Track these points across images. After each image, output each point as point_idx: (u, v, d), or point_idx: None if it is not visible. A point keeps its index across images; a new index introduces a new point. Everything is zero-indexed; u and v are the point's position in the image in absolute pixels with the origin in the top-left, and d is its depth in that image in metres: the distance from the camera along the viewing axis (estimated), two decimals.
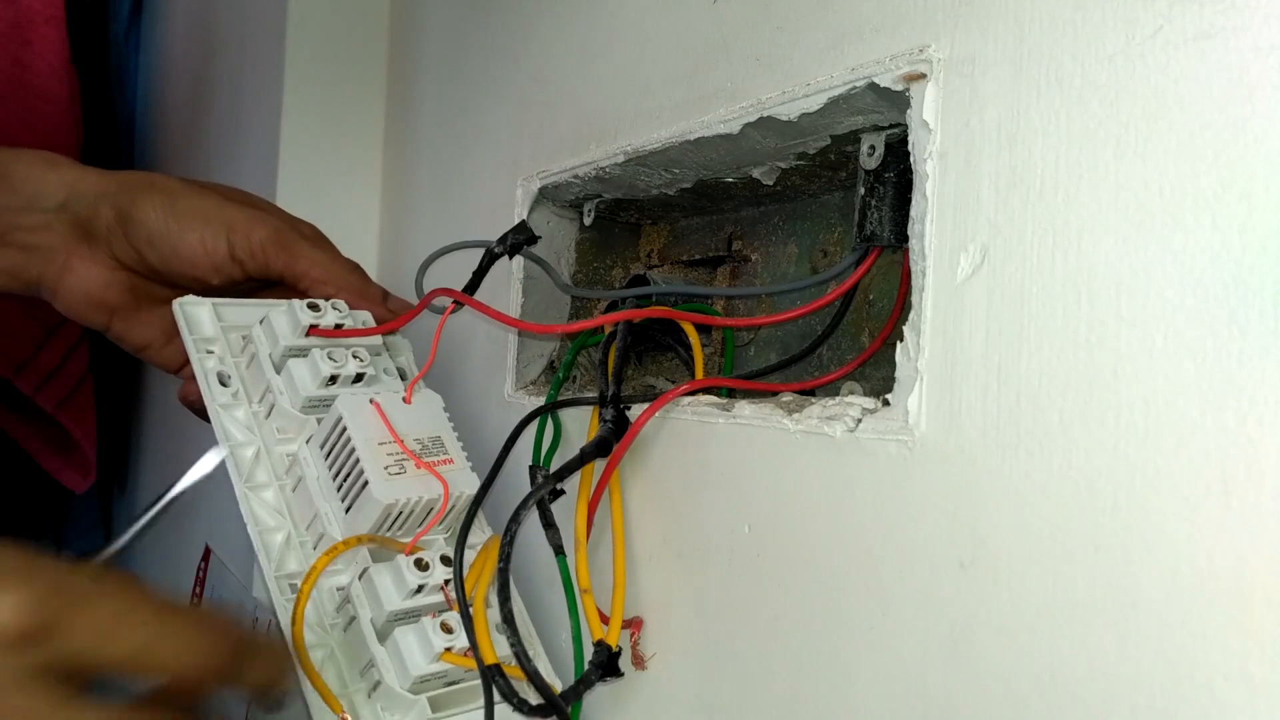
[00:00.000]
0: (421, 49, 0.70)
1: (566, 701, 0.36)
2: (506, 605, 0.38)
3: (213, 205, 0.48)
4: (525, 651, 0.37)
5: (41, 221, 0.47)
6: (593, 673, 0.37)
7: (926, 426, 0.30)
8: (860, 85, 0.33)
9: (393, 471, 0.42)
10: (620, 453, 0.40)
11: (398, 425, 0.44)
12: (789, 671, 0.34)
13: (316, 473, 0.44)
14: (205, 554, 0.83)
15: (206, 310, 0.47)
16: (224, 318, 0.48)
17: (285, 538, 0.43)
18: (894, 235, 0.35)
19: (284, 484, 0.45)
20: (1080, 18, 0.27)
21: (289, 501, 0.44)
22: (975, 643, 0.28)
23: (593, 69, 0.48)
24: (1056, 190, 0.27)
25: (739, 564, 0.37)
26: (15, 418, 1.17)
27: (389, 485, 0.42)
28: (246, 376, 0.47)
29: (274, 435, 0.45)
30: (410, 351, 0.51)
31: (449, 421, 0.46)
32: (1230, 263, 0.23)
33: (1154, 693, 0.24)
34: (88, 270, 0.48)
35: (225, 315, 0.48)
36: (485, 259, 0.46)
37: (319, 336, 0.46)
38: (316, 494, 0.43)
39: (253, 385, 0.46)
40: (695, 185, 0.45)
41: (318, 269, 0.49)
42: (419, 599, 0.40)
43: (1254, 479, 0.22)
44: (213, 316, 0.47)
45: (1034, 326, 0.27)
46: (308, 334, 0.46)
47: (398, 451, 0.43)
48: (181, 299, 0.47)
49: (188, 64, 1.11)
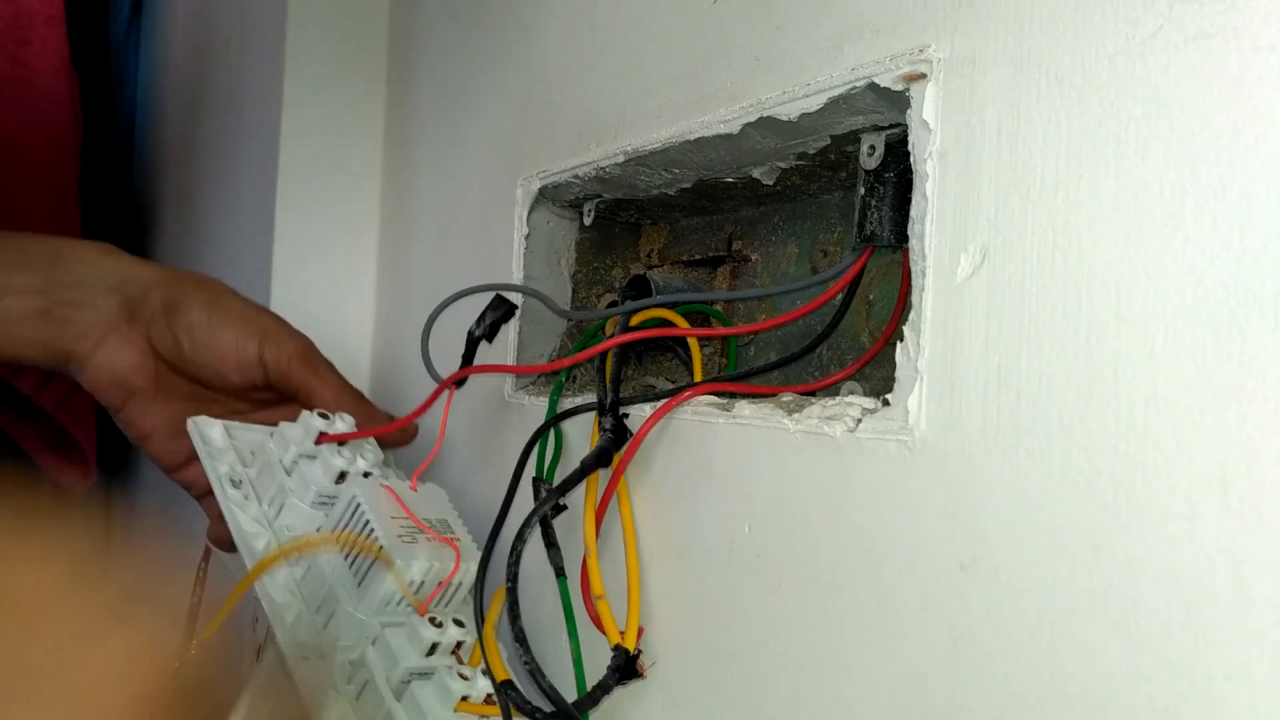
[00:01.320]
0: (421, 49, 0.70)
1: (583, 709, 0.37)
2: (517, 623, 0.38)
3: (253, 311, 0.53)
4: (540, 668, 0.37)
5: (89, 298, 0.51)
6: (610, 677, 0.37)
7: (926, 426, 0.30)
8: (860, 85, 0.33)
9: (405, 540, 0.44)
10: (625, 463, 0.41)
11: (409, 505, 0.46)
12: (789, 671, 0.34)
13: (328, 555, 0.45)
14: (205, 554, 0.83)
15: (218, 429, 0.51)
16: (234, 435, 0.51)
17: (296, 615, 0.44)
18: (894, 235, 0.35)
19: (294, 571, 0.46)
20: (1080, 18, 0.27)
21: (300, 585, 0.46)
22: (975, 643, 0.28)
23: (593, 69, 0.48)
24: (1056, 190, 0.27)
25: (739, 564, 0.37)
26: (15, 418, 1.17)
27: (403, 550, 0.43)
28: (257, 482, 0.50)
29: (285, 532, 0.47)
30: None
31: (454, 510, 0.49)
32: (1230, 263, 0.23)
33: (1154, 693, 0.24)
34: (121, 350, 0.52)
35: (235, 434, 0.52)
36: (468, 343, 0.48)
37: (328, 443, 0.49)
38: (328, 572, 0.45)
39: (263, 488, 0.49)
40: (695, 185, 0.45)
41: (331, 391, 0.53)
42: (433, 660, 0.41)
43: (1254, 479, 0.22)
44: (223, 433, 0.51)
45: (1034, 326, 0.27)
46: (317, 441, 0.48)
47: (410, 524, 0.45)
48: (195, 418, 0.51)
49: (188, 64, 1.11)
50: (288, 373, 0.53)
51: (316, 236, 0.74)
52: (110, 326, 0.51)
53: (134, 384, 0.52)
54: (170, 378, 0.53)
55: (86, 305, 0.51)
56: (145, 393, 0.53)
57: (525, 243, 0.52)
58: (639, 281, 0.47)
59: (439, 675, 0.40)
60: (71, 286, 0.51)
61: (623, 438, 0.41)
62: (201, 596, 0.83)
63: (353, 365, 0.73)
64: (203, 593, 0.83)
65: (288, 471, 0.49)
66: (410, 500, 0.47)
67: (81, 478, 1.22)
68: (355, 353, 0.74)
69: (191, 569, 0.84)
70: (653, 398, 0.41)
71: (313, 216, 0.74)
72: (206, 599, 0.75)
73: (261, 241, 0.75)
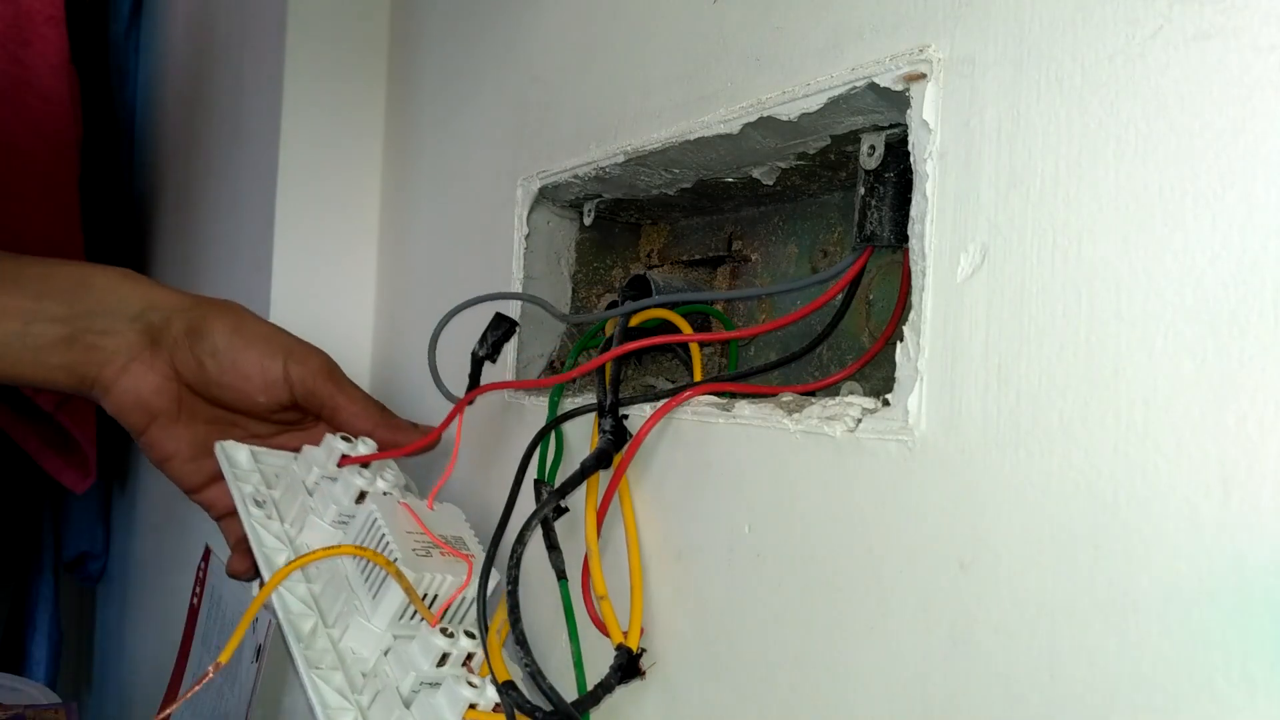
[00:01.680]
0: (421, 49, 0.70)
1: (584, 707, 0.37)
2: (518, 626, 0.38)
3: (274, 331, 0.55)
4: (540, 669, 0.37)
5: (113, 326, 0.52)
6: (612, 676, 0.37)
7: (926, 426, 0.30)
8: (860, 85, 0.33)
9: (420, 554, 0.45)
10: (625, 464, 0.41)
11: (425, 523, 0.47)
12: (789, 671, 0.34)
13: (345, 569, 0.46)
14: (205, 554, 0.83)
15: (245, 452, 0.53)
16: (260, 459, 0.53)
17: (312, 626, 0.45)
18: (894, 235, 0.35)
19: (313, 587, 0.47)
20: (1080, 18, 0.27)
21: (317, 598, 0.46)
22: (975, 643, 0.28)
23: (593, 69, 0.48)
24: (1056, 190, 0.27)
25: (739, 564, 0.37)
26: (15, 418, 1.17)
27: (416, 563, 0.44)
28: (280, 502, 0.51)
29: (304, 549, 0.48)
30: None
31: (470, 529, 0.49)
32: (1230, 263, 0.23)
33: (1154, 693, 0.24)
34: (145, 375, 0.53)
35: (261, 458, 0.53)
36: (473, 364, 0.49)
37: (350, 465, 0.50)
38: (344, 584, 0.45)
39: (285, 508, 0.51)
40: (695, 185, 0.45)
41: (356, 405, 0.54)
42: (444, 670, 0.42)
43: (1254, 479, 0.22)
44: (250, 457, 0.53)
45: (1034, 326, 0.27)
46: (340, 463, 0.50)
47: (426, 540, 0.46)
48: (223, 441, 0.53)
49: (188, 64, 1.11)
50: (313, 389, 0.54)
51: (316, 236, 0.74)
52: (134, 353, 0.53)
53: (157, 408, 0.53)
54: (193, 401, 0.54)
55: (110, 333, 0.52)
56: (168, 416, 0.54)
57: (525, 243, 0.52)
58: (639, 281, 0.47)
59: (448, 683, 0.41)
60: (96, 315, 0.52)
61: (622, 439, 0.41)
62: (201, 596, 0.83)
63: (353, 365, 0.73)
64: (202, 592, 0.83)
65: (310, 492, 0.50)
66: (426, 517, 0.48)
67: (81, 478, 1.22)
68: (355, 353, 0.74)
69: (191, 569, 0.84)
70: (653, 398, 0.41)
71: (313, 216, 0.74)
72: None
73: (261, 241, 0.75)
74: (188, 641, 0.83)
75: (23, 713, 0.94)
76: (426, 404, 0.64)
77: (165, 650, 0.92)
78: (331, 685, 0.42)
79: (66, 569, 1.45)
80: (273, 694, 0.72)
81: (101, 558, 1.44)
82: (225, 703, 0.74)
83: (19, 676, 1.11)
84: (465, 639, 0.42)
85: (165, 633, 1.02)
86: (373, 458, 0.51)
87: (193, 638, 0.82)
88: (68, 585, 1.50)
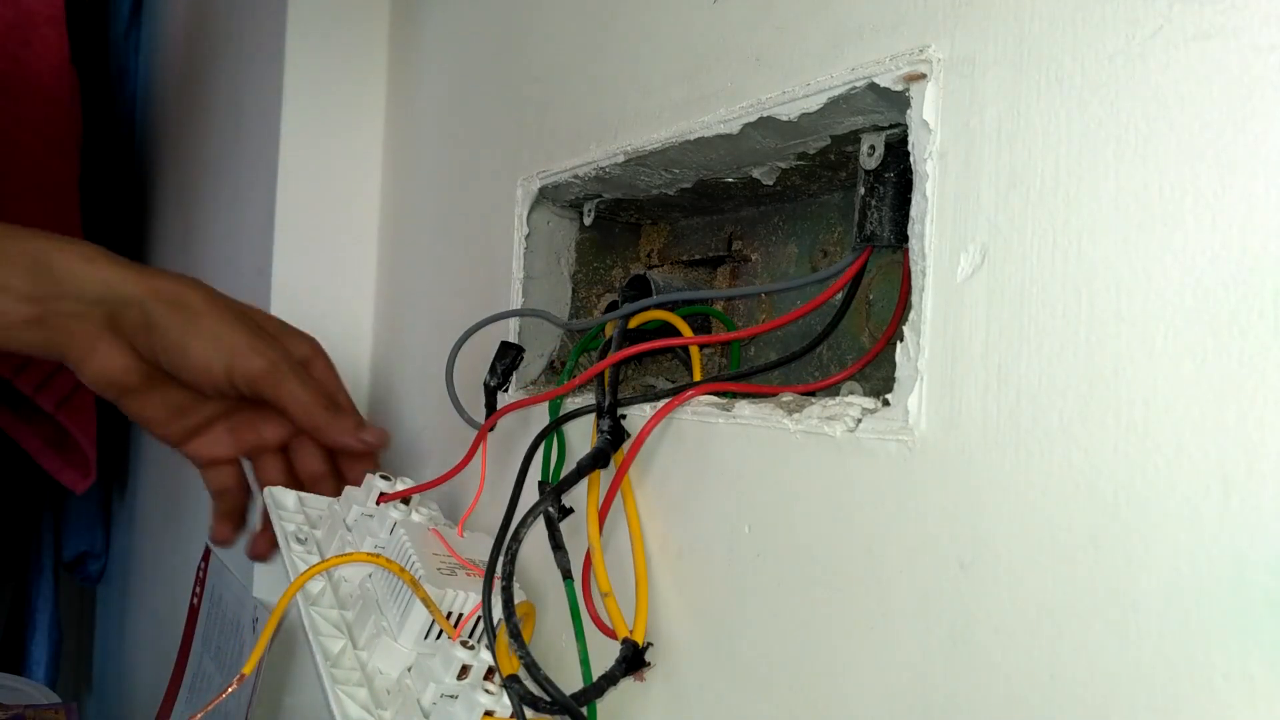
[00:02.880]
0: (422, 48, 0.70)
1: (588, 697, 0.37)
2: (512, 620, 0.38)
3: (226, 328, 0.56)
4: (534, 661, 0.37)
5: (77, 310, 0.54)
6: (617, 668, 0.37)
7: (926, 426, 0.30)
8: (860, 85, 0.33)
9: (444, 573, 0.46)
10: (627, 464, 0.41)
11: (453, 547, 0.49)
12: (789, 671, 0.34)
13: (376, 593, 0.47)
14: (205, 554, 0.83)
15: (292, 497, 0.56)
16: (305, 503, 0.56)
17: (341, 648, 0.46)
18: (894, 235, 0.35)
19: (346, 614, 0.48)
20: (1080, 18, 0.27)
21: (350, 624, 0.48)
22: (975, 643, 0.28)
23: (592, 69, 0.48)
24: (1056, 190, 0.27)
25: (739, 564, 0.37)
26: (15, 417, 1.17)
27: (439, 580, 0.45)
28: (320, 539, 0.54)
29: (342, 583, 0.50)
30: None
31: None
32: (1230, 263, 0.23)
33: (1154, 693, 0.24)
34: (110, 355, 0.55)
35: (307, 501, 0.57)
36: (487, 394, 0.50)
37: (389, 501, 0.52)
38: (374, 607, 0.47)
39: (325, 544, 0.53)
40: (695, 185, 0.45)
41: (297, 407, 0.57)
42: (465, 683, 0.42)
43: (1254, 479, 0.22)
44: (297, 501, 0.56)
45: (1034, 326, 0.27)
46: (379, 501, 0.52)
47: (452, 561, 0.48)
48: (271, 487, 0.56)
49: (188, 64, 1.11)
50: (258, 392, 0.56)
51: (316, 236, 0.74)
52: (99, 334, 0.55)
53: (127, 384, 0.57)
54: (162, 376, 0.57)
55: (75, 316, 0.54)
56: (140, 388, 0.57)
57: (525, 242, 0.52)
58: (639, 281, 0.47)
59: (465, 692, 0.41)
60: (62, 299, 0.54)
61: (620, 439, 0.41)
62: (201, 596, 0.83)
63: (353, 365, 0.73)
64: (203, 592, 0.83)
65: (349, 528, 0.52)
66: (455, 543, 0.50)
67: (81, 477, 1.22)
68: (355, 353, 0.74)
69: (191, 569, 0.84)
70: (653, 398, 0.41)
71: (313, 216, 0.74)
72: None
73: (261, 241, 0.75)
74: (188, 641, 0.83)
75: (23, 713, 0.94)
76: (425, 402, 0.64)
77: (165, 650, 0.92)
78: (356, 700, 0.43)
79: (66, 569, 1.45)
80: (273, 694, 0.72)
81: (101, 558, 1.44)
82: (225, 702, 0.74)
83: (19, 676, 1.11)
84: (487, 653, 0.43)
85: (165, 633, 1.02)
86: (407, 492, 0.52)
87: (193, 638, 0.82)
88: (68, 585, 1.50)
